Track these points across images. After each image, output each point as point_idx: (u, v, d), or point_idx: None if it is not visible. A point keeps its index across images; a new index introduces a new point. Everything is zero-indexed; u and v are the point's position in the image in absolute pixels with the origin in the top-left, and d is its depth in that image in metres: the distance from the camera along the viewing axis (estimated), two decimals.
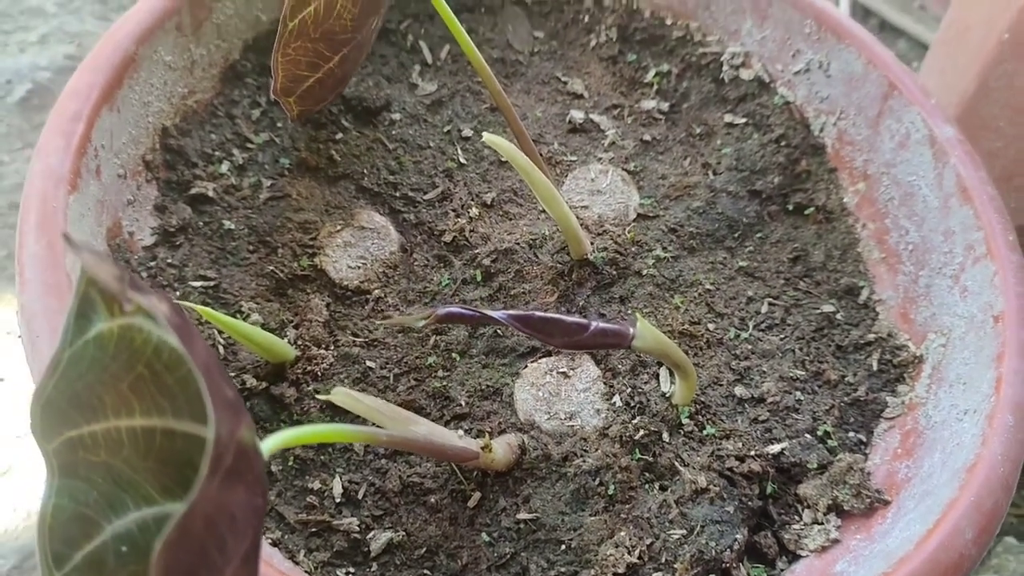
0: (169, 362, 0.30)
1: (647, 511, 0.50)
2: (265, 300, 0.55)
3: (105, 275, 0.26)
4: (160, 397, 0.31)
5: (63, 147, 0.47)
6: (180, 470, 0.32)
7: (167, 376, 0.30)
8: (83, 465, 0.33)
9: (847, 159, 0.64)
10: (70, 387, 0.31)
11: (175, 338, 0.26)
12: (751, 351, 0.57)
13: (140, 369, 0.30)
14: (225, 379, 0.28)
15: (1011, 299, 0.51)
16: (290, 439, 0.32)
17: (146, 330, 0.29)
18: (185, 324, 0.26)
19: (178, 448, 0.32)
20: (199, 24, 0.56)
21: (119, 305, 0.29)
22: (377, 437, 0.38)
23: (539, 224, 0.60)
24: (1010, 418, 0.46)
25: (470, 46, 0.55)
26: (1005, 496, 0.44)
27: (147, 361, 0.30)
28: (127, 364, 0.30)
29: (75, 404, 0.31)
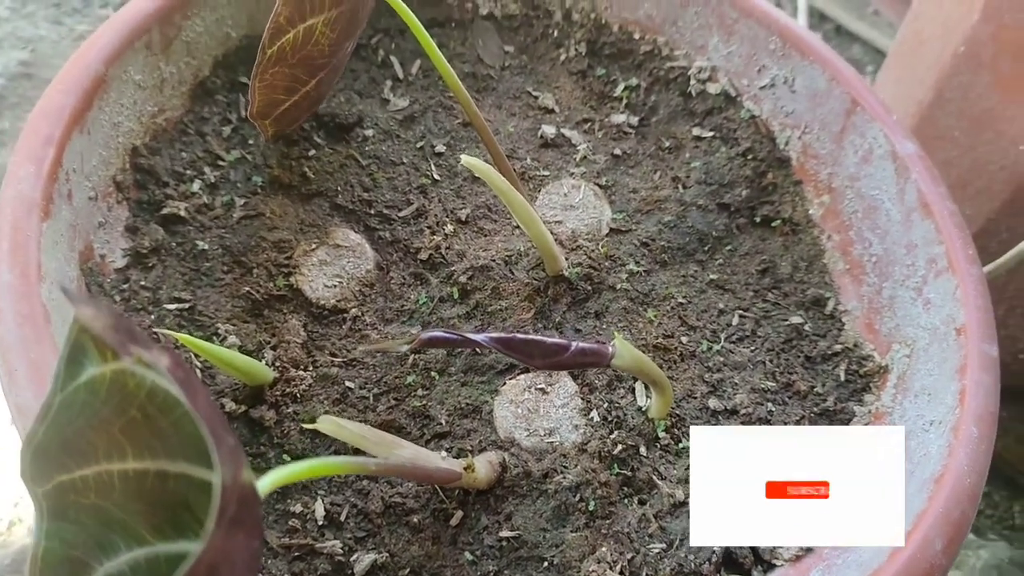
0: (163, 405, 0.30)
1: (627, 526, 0.50)
2: (241, 321, 0.54)
3: (104, 329, 0.26)
4: (153, 439, 0.31)
5: (34, 173, 0.46)
6: (173, 511, 0.32)
7: (161, 419, 0.30)
8: (73, 508, 0.33)
9: (812, 172, 0.66)
10: (61, 432, 0.31)
11: (171, 383, 0.26)
12: (723, 363, 0.59)
13: (133, 412, 0.30)
14: (225, 427, 0.28)
15: (972, 312, 0.53)
16: (284, 477, 0.32)
17: (139, 374, 0.29)
18: (188, 376, 0.26)
19: (171, 489, 0.32)
20: (169, 42, 0.56)
21: (112, 350, 0.29)
22: (366, 467, 0.38)
23: (514, 240, 0.60)
24: (974, 430, 0.48)
25: (443, 63, 0.55)
26: (971, 506, 0.46)
27: (140, 404, 0.30)
28: (119, 408, 0.30)
29: (66, 449, 0.31)
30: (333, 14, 0.48)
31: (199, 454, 0.30)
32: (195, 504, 0.32)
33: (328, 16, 0.47)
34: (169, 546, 0.32)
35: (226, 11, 0.60)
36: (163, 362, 0.25)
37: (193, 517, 0.32)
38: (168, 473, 0.31)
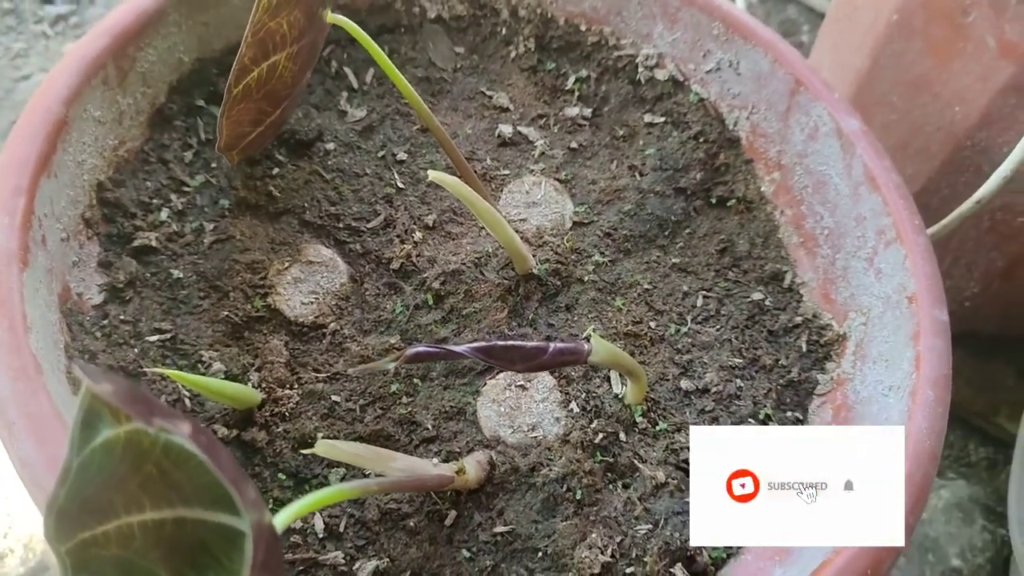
0: (178, 459, 0.31)
1: (614, 511, 0.53)
2: (224, 346, 0.55)
3: (124, 402, 0.27)
4: (170, 491, 0.32)
5: (8, 224, 0.47)
6: (192, 553, 0.34)
7: (176, 472, 0.32)
8: (96, 561, 0.34)
9: (761, 150, 0.68)
10: (81, 493, 0.32)
11: (193, 446, 0.28)
12: (691, 344, 0.61)
13: (148, 468, 0.32)
14: (244, 477, 0.29)
15: (922, 280, 0.56)
16: (296, 513, 0.34)
17: (153, 433, 0.30)
18: (210, 441, 0.27)
19: (189, 534, 0.33)
20: (124, 75, 0.56)
21: (125, 413, 0.30)
22: (369, 488, 0.40)
23: (481, 241, 0.62)
24: (931, 393, 0.51)
25: (397, 74, 0.56)
26: (932, 467, 0.49)
27: (155, 460, 0.31)
28: (135, 465, 0.31)
29: (87, 508, 0.32)
30: (295, 48, 0.48)
31: (215, 500, 0.32)
32: (213, 545, 0.33)
33: (290, 51, 0.48)
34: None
35: (177, 37, 0.60)
36: (185, 430, 0.27)
37: (212, 557, 0.34)
38: (186, 519, 0.33)
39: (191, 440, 0.27)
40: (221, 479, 0.29)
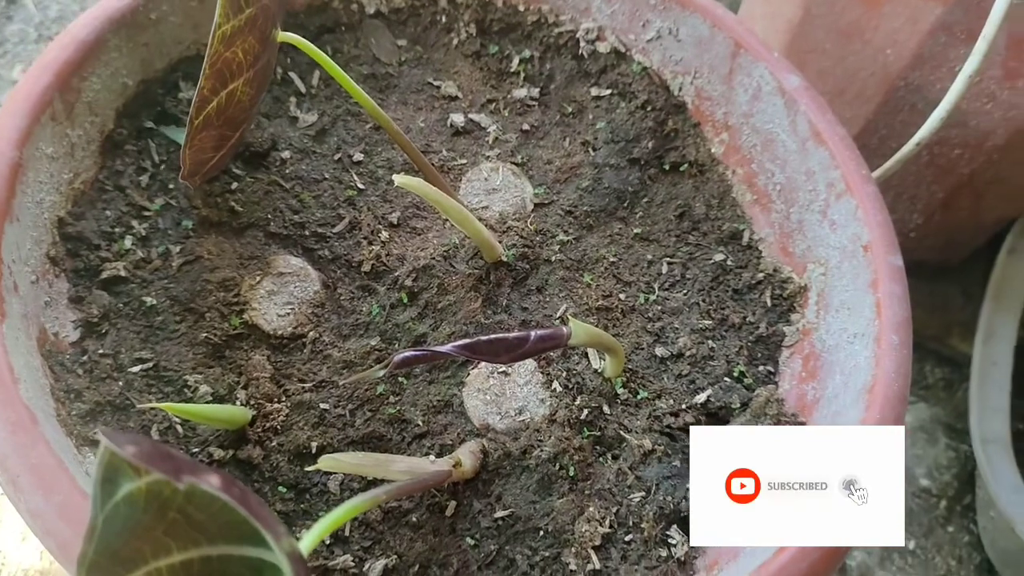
0: (200, 503, 0.32)
1: (607, 482, 0.55)
2: (207, 368, 0.56)
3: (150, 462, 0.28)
4: (194, 532, 0.33)
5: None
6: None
7: (199, 514, 0.33)
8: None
9: (708, 113, 0.70)
10: (109, 547, 0.33)
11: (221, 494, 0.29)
12: (661, 311, 0.63)
13: (172, 515, 0.33)
14: (273, 516, 0.30)
15: (874, 229, 0.58)
16: (321, 534, 0.35)
17: (174, 483, 0.31)
18: (240, 489, 0.28)
19: (215, 569, 0.35)
20: (71, 107, 0.55)
21: (144, 467, 0.31)
22: (378, 498, 0.41)
23: (447, 233, 0.63)
24: (895, 337, 0.54)
25: (346, 79, 0.56)
26: (903, 407, 0.52)
27: (178, 506, 0.32)
28: (159, 514, 0.32)
29: (116, 560, 0.33)
30: (250, 74, 0.48)
31: (240, 536, 0.33)
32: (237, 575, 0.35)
33: (247, 76, 0.48)
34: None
35: (119, 62, 0.59)
36: (215, 482, 0.28)
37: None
38: (211, 557, 0.34)
39: (222, 490, 0.28)
40: (250, 518, 0.30)
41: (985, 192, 0.88)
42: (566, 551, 0.53)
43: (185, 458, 0.29)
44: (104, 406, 0.52)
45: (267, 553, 0.34)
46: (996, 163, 0.82)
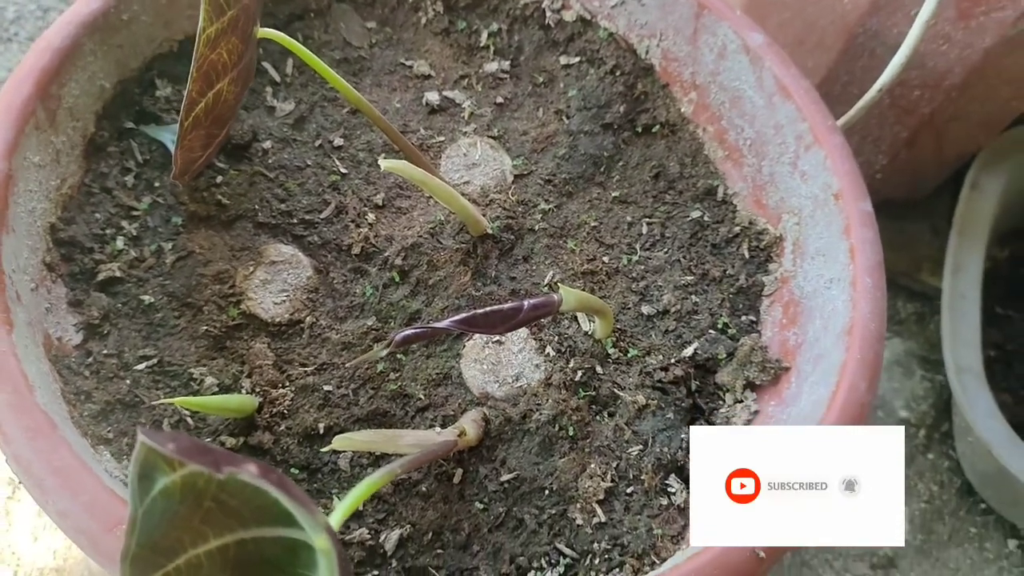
0: (233, 490, 0.34)
1: (605, 439, 0.58)
2: (210, 360, 0.57)
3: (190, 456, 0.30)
4: (229, 519, 0.35)
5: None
6: (256, 567, 0.37)
7: (232, 501, 0.35)
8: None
9: (676, 74, 0.71)
10: (149, 539, 0.34)
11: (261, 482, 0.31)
12: (645, 271, 0.65)
13: (207, 504, 0.34)
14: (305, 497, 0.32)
15: (844, 178, 0.60)
16: (347, 511, 0.37)
17: (207, 473, 0.33)
18: (277, 474, 0.30)
19: (250, 551, 0.37)
20: (53, 114, 0.56)
21: (178, 460, 0.33)
22: (394, 471, 0.43)
23: (432, 210, 0.64)
24: (869, 280, 0.56)
25: (323, 67, 0.57)
26: (881, 346, 0.55)
27: (213, 496, 0.34)
28: (195, 504, 0.34)
29: (157, 550, 0.35)
30: (235, 73, 0.49)
31: (272, 518, 0.35)
32: (274, 556, 0.37)
33: (231, 76, 0.49)
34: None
35: (96, 66, 0.59)
36: (253, 470, 0.29)
37: (273, 567, 0.37)
38: (246, 540, 0.36)
39: (261, 476, 0.30)
40: (283, 500, 0.32)
41: (946, 130, 0.90)
42: (572, 507, 0.55)
43: (220, 450, 0.31)
44: (114, 405, 0.54)
45: (298, 532, 0.36)
46: (955, 101, 0.85)
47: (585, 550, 0.54)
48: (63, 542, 0.83)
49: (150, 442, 0.31)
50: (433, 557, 0.54)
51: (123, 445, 0.53)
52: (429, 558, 0.54)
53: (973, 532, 0.89)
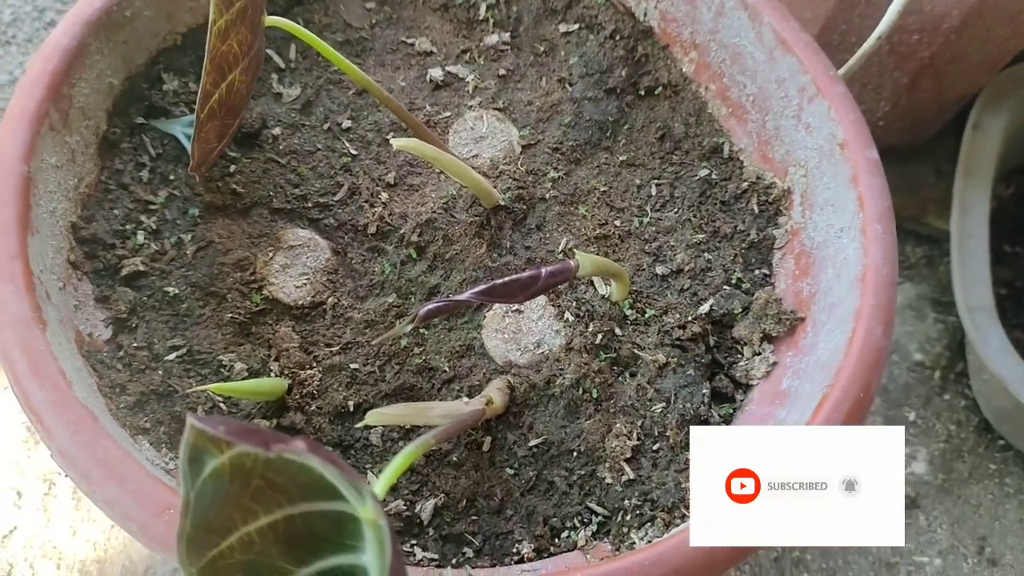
0: (279, 468, 0.35)
1: (629, 399, 0.59)
2: (237, 346, 0.58)
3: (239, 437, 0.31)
4: (277, 495, 0.36)
5: (15, 291, 0.48)
6: (305, 541, 0.38)
7: (279, 478, 0.36)
8: (223, 570, 0.38)
9: (675, 35, 0.71)
10: (203, 519, 0.36)
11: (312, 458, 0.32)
12: (656, 232, 0.66)
13: (256, 482, 0.36)
14: (350, 470, 0.34)
15: (848, 127, 0.61)
16: (388, 481, 0.39)
17: (253, 452, 0.34)
18: (324, 450, 0.31)
19: (298, 526, 0.38)
20: (66, 115, 0.57)
21: (225, 442, 0.34)
22: (428, 443, 0.44)
23: (443, 186, 0.65)
24: (878, 227, 0.57)
25: (328, 50, 0.57)
26: (894, 291, 0.55)
27: (260, 474, 0.35)
28: (244, 482, 0.36)
29: (211, 530, 0.36)
30: (245, 62, 0.50)
31: (318, 492, 0.36)
32: (322, 529, 0.38)
33: (242, 65, 0.50)
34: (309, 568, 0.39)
35: (103, 64, 0.60)
36: (301, 447, 0.31)
37: (322, 539, 0.38)
38: (294, 516, 0.38)
39: (311, 452, 0.31)
40: (329, 473, 0.33)
41: (946, 72, 0.90)
42: (600, 467, 0.57)
43: (268, 430, 0.32)
44: (148, 396, 0.55)
45: (344, 505, 0.37)
46: (954, 43, 0.85)
47: (616, 507, 0.56)
48: (102, 534, 0.85)
49: (201, 425, 0.32)
50: (468, 524, 0.55)
51: (160, 434, 0.54)
52: (464, 525, 0.55)
53: (992, 468, 0.91)
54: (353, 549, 0.38)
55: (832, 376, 0.53)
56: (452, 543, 0.55)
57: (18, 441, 0.89)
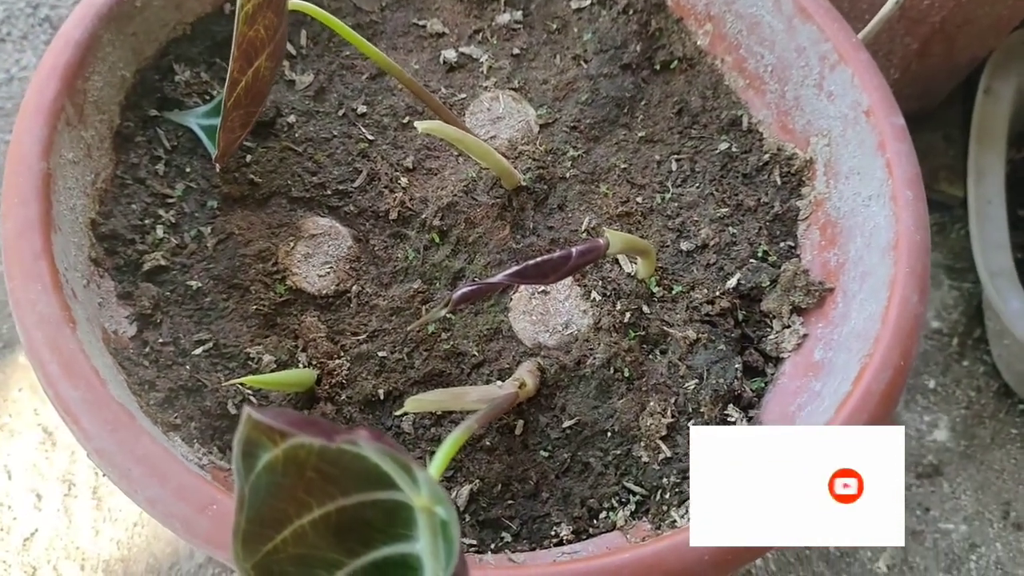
0: (331, 459, 0.35)
1: (660, 376, 0.58)
2: (263, 338, 0.58)
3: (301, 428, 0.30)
4: (329, 487, 0.36)
5: (42, 290, 0.48)
6: (358, 531, 0.38)
7: (332, 470, 0.35)
8: (276, 564, 0.38)
9: (689, 7, 0.71)
10: (257, 513, 0.35)
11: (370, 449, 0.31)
12: (679, 208, 0.65)
13: (309, 474, 0.35)
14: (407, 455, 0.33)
15: (873, 93, 0.60)
16: (440, 466, 0.38)
17: (307, 444, 0.34)
18: (386, 437, 0.31)
19: (351, 517, 0.37)
20: (81, 109, 0.56)
21: (279, 434, 0.33)
22: (472, 427, 0.44)
23: (462, 168, 0.64)
24: (909, 193, 0.56)
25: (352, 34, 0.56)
26: (927, 257, 0.55)
27: (314, 466, 0.35)
28: (297, 474, 0.35)
29: (265, 524, 0.36)
30: (271, 48, 0.49)
31: (371, 482, 0.36)
32: (373, 519, 0.38)
33: (268, 51, 0.49)
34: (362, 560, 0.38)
35: (114, 56, 0.59)
36: (363, 436, 0.30)
37: (374, 528, 0.38)
38: (347, 507, 0.37)
39: (373, 439, 0.30)
40: (389, 463, 0.32)
41: (956, 35, 0.90)
42: (636, 446, 0.56)
43: (329, 423, 0.32)
44: (177, 391, 0.54)
45: (397, 494, 0.36)
46: (964, 5, 0.84)
47: (654, 486, 0.55)
48: (125, 532, 0.85)
49: (259, 417, 0.31)
50: (504, 508, 0.55)
51: (191, 429, 0.53)
52: (501, 509, 0.55)
53: (1015, 433, 0.91)
54: (406, 538, 0.37)
55: (870, 345, 0.52)
56: (490, 528, 0.55)
57: (35, 444, 0.88)
